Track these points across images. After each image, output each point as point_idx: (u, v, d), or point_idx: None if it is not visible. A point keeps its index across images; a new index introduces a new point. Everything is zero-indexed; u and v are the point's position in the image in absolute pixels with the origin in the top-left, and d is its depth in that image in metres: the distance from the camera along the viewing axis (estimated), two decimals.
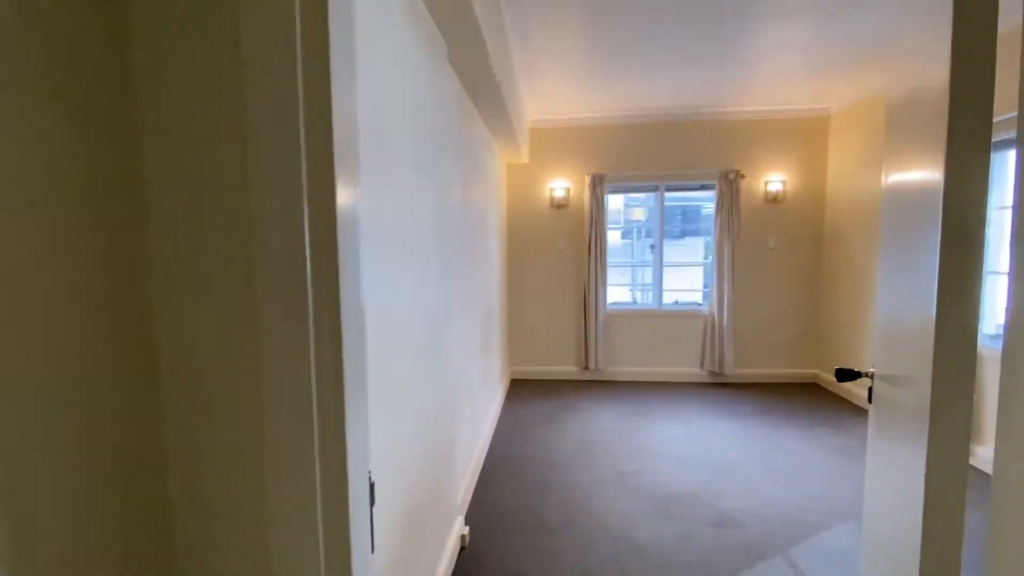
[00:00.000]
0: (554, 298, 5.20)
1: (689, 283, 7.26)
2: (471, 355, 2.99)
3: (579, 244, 5.12)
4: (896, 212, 1.22)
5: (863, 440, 3.54)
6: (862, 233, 4.32)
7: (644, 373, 5.17)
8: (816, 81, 4.14)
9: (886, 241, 1.32)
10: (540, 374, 5.26)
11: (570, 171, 5.07)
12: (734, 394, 4.68)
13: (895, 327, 1.22)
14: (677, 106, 4.74)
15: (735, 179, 4.79)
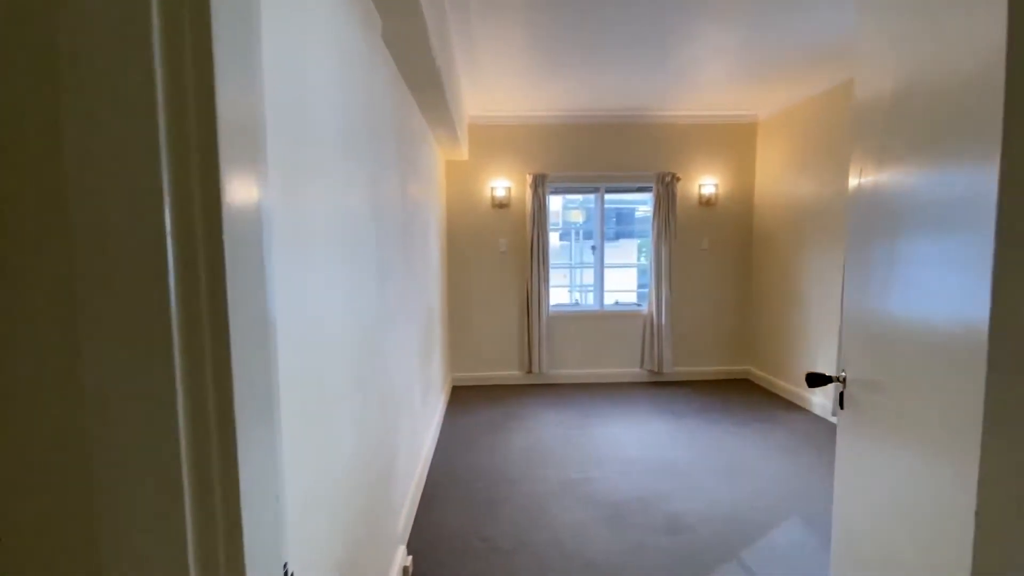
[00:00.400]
0: (497, 301, 5.05)
1: (625, 284, 7.41)
2: (412, 366, 2.76)
3: (521, 245, 5.01)
4: (891, 209, 1.15)
5: (795, 433, 3.68)
6: (789, 234, 4.53)
7: (587, 375, 5.15)
8: (745, 89, 4.29)
9: (866, 241, 1.26)
10: (483, 380, 5.09)
11: (511, 170, 4.95)
12: (673, 392, 4.76)
13: (884, 330, 1.16)
14: (617, 108, 4.75)
15: (671, 182, 4.88)
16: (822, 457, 3.27)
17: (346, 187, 1.49)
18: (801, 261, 4.34)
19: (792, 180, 4.49)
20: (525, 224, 4.95)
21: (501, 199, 4.92)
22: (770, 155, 4.83)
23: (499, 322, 5.07)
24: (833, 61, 3.62)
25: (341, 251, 1.42)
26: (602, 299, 5.17)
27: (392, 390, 2.21)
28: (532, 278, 4.88)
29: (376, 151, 1.92)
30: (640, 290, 9.06)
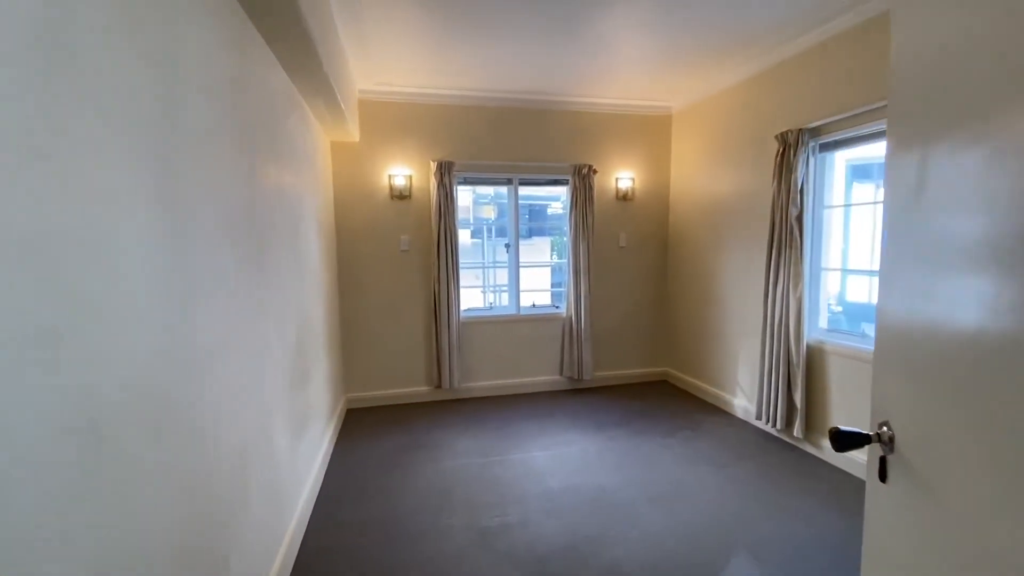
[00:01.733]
0: (399, 306, 4.37)
1: (539, 284, 7.05)
2: (266, 405, 2.05)
3: (426, 242, 4.38)
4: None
5: (723, 442, 3.46)
6: (706, 232, 4.37)
7: (503, 386, 4.65)
8: (659, 78, 4.03)
9: (928, 225, 0.84)
10: (384, 399, 4.39)
11: (413, 156, 4.30)
12: (594, 401, 4.42)
13: (973, 354, 0.74)
14: (530, 91, 4.29)
15: (588, 175, 4.53)
16: (752, 469, 3.05)
17: (163, 165, 0.82)
18: (719, 259, 4.18)
19: (708, 175, 4.32)
20: (430, 218, 4.33)
21: (401, 189, 4.25)
22: (685, 149, 4.66)
23: (402, 331, 4.40)
24: (748, 49, 3.43)
25: (151, 256, 0.75)
26: (518, 302, 4.70)
27: (234, 438, 1.52)
28: (440, 280, 4.27)
29: (177, 113, 1.23)
30: (555, 289, 8.79)
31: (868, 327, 3.06)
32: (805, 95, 3.25)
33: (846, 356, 3.02)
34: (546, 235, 9.63)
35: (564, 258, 4.88)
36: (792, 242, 3.26)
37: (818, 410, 3.22)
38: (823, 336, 3.23)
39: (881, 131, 2.81)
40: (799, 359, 3.24)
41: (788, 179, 3.27)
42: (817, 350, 3.22)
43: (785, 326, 3.33)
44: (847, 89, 2.95)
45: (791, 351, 3.30)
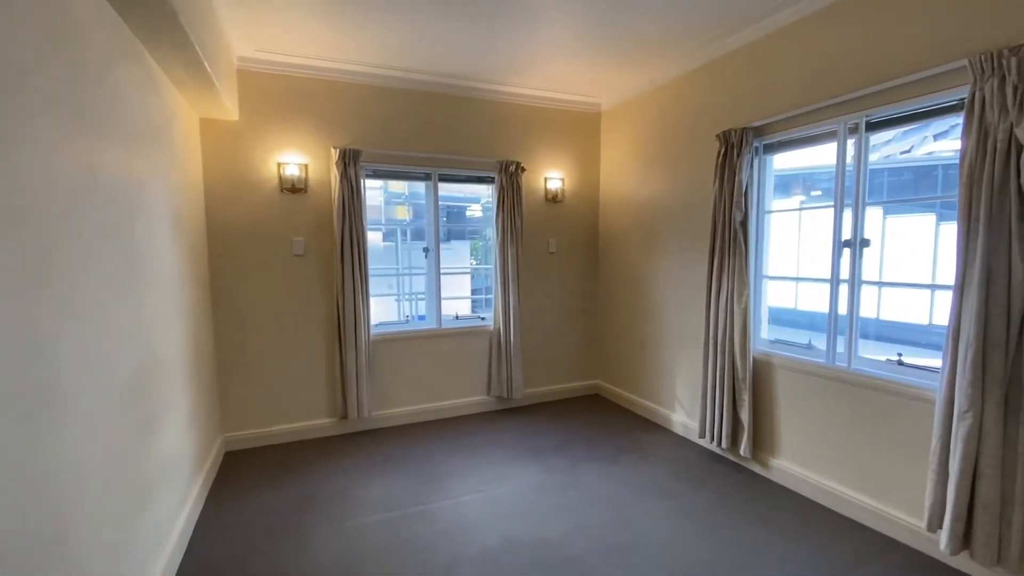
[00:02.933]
0: (293, 323, 3.61)
1: (459, 292, 6.50)
2: (73, 472, 1.33)
3: (327, 246, 3.66)
4: None
5: (670, 466, 3.17)
6: (639, 237, 4.11)
7: (423, 412, 4.05)
8: (590, 72, 3.72)
9: None
10: (275, 437, 3.60)
11: (309, 141, 3.57)
12: (527, 422, 3.97)
13: None
14: (453, 75, 3.76)
15: (516, 172, 4.09)
16: (705, 498, 2.77)
17: None
18: (655, 266, 3.94)
19: (641, 177, 4.07)
20: (332, 216, 3.63)
21: (294, 180, 3.51)
22: (615, 149, 4.39)
23: (297, 353, 3.64)
24: (686, 41, 3.20)
25: None
26: (439, 314, 4.12)
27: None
28: (344, 290, 3.58)
29: None
30: (475, 297, 8.29)
31: (816, 338, 2.92)
32: (748, 92, 3.06)
33: (795, 370, 2.85)
34: (465, 239, 9.12)
35: (489, 263, 4.40)
36: (736, 248, 3.05)
37: (766, 428, 3.03)
38: (769, 348, 3.05)
39: (827, 132, 2.66)
40: (745, 373, 3.03)
41: (732, 181, 3.06)
42: (764, 363, 3.03)
43: (729, 338, 3.11)
44: (792, 87, 2.77)
45: (736, 365, 3.09)
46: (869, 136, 2.50)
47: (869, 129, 2.48)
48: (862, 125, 2.48)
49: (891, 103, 2.33)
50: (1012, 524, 1.90)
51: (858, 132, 2.51)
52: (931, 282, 3.30)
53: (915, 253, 4.74)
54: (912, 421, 2.30)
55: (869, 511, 2.47)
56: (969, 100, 1.97)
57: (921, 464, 2.26)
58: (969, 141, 1.98)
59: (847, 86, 2.49)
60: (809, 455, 2.79)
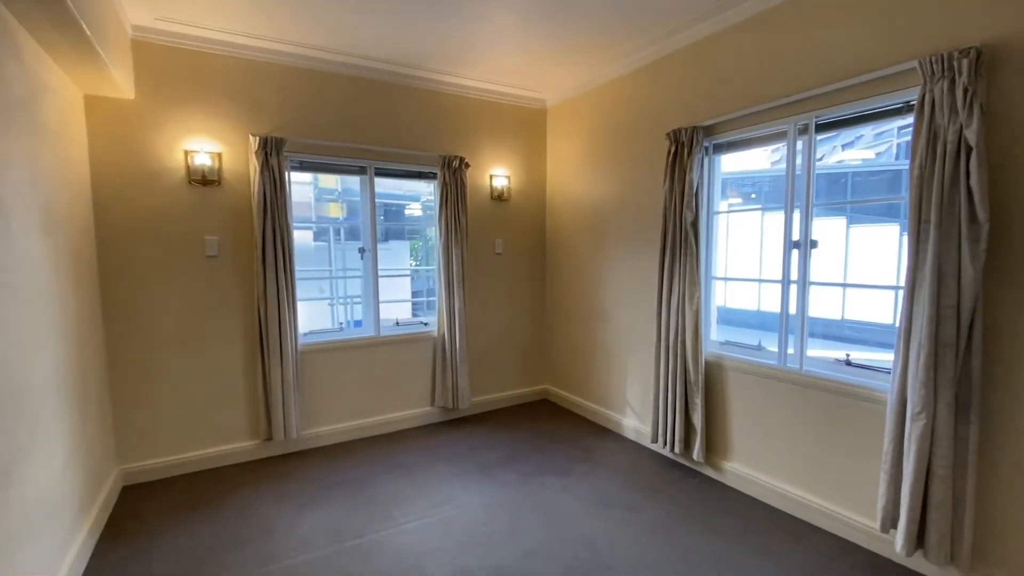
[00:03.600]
0: (205, 334, 3.16)
1: (398, 295, 6.13)
2: None
3: (246, 245, 3.24)
4: None
5: (625, 476, 3.06)
6: (588, 237, 4.00)
7: (361, 428, 3.71)
8: (534, 65, 3.56)
9: None
10: (184, 466, 3.13)
11: (224, 127, 3.14)
12: (474, 434, 3.74)
13: None
14: (391, 61, 3.45)
15: (460, 168, 3.85)
16: (663, 508, 2.67)
17: None
18: (603, 267, 3.84)
19: (589, 176, 3.96)
20: (251, 212, 3.21)
21: (205, 171, 3.06)
22: (562, 146, 4.26)
23: (210, 368, 3.19)
24: (635, 38, 3.11)
25: None
26: (378, 320, 3.79)
27: None
28: (267, 295, 3.18)
29: None
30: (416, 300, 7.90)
31: (766, 338, 2.91)
32: (698, 91, 3.01)
33: (747, 372, 2.82)
34: (405, 238, 8.73)
35: (430, 265, 4.13)
36: (688, 249, 2.99)
37: (718, 431, 3.00)
38: (720, 350, 3.01)
39: (777, 132, 2.65)
40: (697, 376, 2.98)
41: (682, 180, 2.99)
42: (715, 365, 2.99)
43: (681, 340, 3.05)
44: (743, 86, 2.74)
45: (688, 368, 3.03)
46: (818, 137, 2.50)
47: (819, 130, 2.47)
48: (812, 126, 2.48)
49: (841, 104, 2.33)
50: (964, 523, 1.92)
51: (808, 133, 2.51)
52: (843, 281, 3.42)
53: (833, 255, 4.99)
54: (863, 422, 2.31)
55: (823, 513, 2.47)
56: (919, 102, 1.98)
57: (872, 465, 2.27)
58: (919, 142, 1.98)
59: (797, 86, 2.48)
60: (762, 458, 2.77)
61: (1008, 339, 1.86)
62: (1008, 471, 1.88)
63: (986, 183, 1.80)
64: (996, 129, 1.84)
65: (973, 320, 1.87)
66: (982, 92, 1.82)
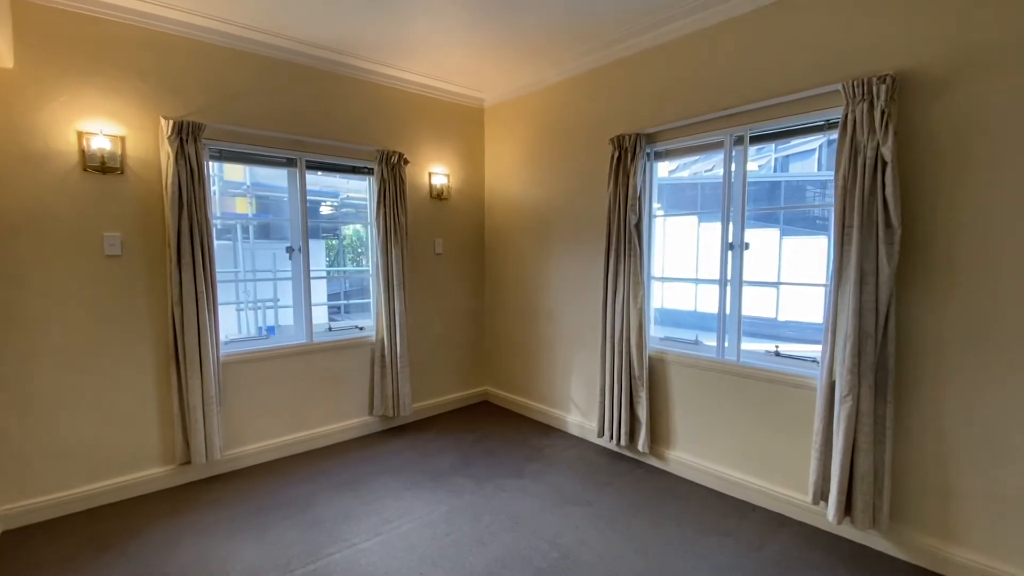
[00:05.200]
0: (106, 344, 2.71)
1: (314, 299, 5.73)
2: None
3: (155, 244, 2.84)
4: None
5: (577, 472, 3.12)
6: (527, 239, 4.03)
7: (293, 443, 3.40)
8: (475, 62, 3.55)
9: None
10: (84, 501, 2.66)
11: (128, 107, 2.72)
12: (419, 441, 3.60)
13: None
14: (324, 46, 3.22)
15: (399, 164, 3.69)
16: (616, 500, 2.76)
17: None
18: (546, 268, 3.90)
19: (529, 178, 4.00)
20: (162, 206, 2.82)
21: (105, 156, 2.63)
22: (501, 147, 4.25)
23: (114, 383, 2.75)
24: (574, 47, 3.21)
25: None
26: (310, 326, 3.51)
27: None
28: (184, 299, 2.81)
29: None
30: (332, 303, 7.46)
31: (702, 335, 3.12)
32: (641, 99, 3.15)
33: (688, 365, 3.01)
34: (318, 237, 8.18)
35: (344, 265, 3.90)
36: (632, 250, 3.12)
37: (662, 422, 3.16)
38: (661, 346, 3.18)
39: (715, 142, 2.85)
40: (642, 371, 3.12)
41: (626, 185, 3.12)
42: (658, 360, 3.15)
43: (626, 338, 3.18)
44: (684, 96, 2.92)
45: (632, 363, 3.17)
46: (751, 148, 2.73)
47: (752, 142, 2.71)
48: (746, 138, 2.70)
49: (772, 119, 2.57)
50: (883, 491, 2.20)
51: (743, 144, 2.73)
52: (776, 280, 3.79)
53: (766, 260, 5.46)
54: (795, 406, 2.56)
55: (761, 492, 2.70)
56: (843, 121, 2.23)
57: (803, 445, 2.52)
58: (842, 157, 2.24)
59: (734, 99, 2.69)
60: (703, 445, 2.97)
61: (917, 329, 2.17)
62: (919, 442, 2.19)
63: (899, 194, 2.08)
64: (908, 146, 2.14)
65: (888, 313, 2.15)
66: (895, 114, 2.10)
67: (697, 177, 4.31)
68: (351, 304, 8.51)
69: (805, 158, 6.93)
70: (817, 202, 4.72)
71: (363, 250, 9.97)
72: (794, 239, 5.27)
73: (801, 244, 4.75)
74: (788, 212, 5.61)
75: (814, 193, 6.38)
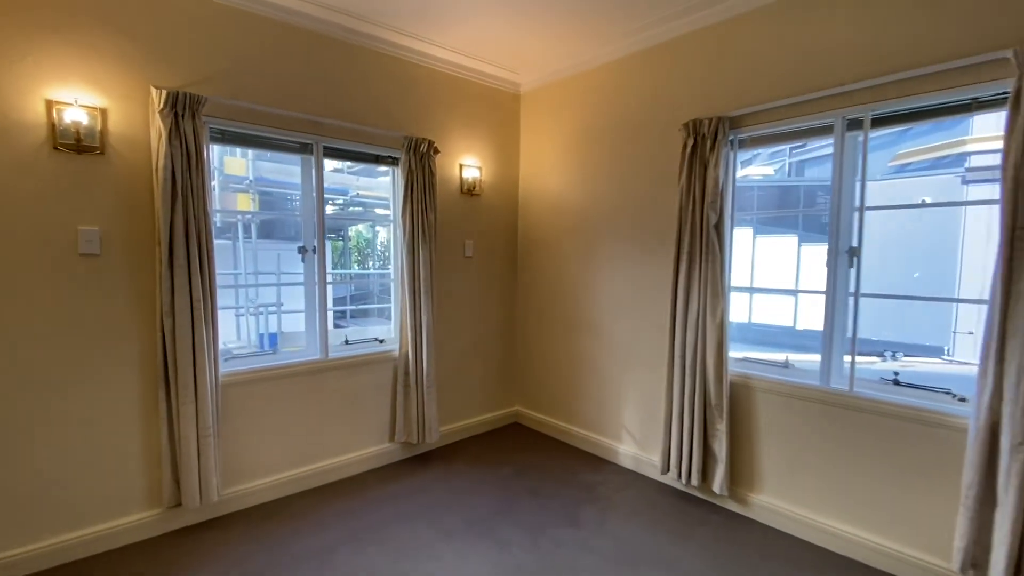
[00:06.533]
0: (72, 366, 2.20)
1: None
2: None
3: (143, 240, 2.34)
4: None
5: (641, 517, 2.62)
6: (569, 241, 3.55)
7: (302, 477, 2.89)
8: (512, 36, 3.08)
9: None
10: (53, 556, 2.14)
11: (110, 71, 2.22)
12: (449, 475, 3.10)
13: None
14: (346, 9, 2.74)
15: (428, 154, 3.20)
16: (701, 558, 2.27)
17: None
18: (593, 276, 3.41)
19: (574, 173, 3.52)
20: (151, 195, 2.32)
21: (81, 131, 2.13)
22: (537, 137, 3.77)
23: (87, 411, 2.24)
24: (635, 19, 2.74)
25: None
26: (324, 339, 3.00)
27: None
28: (176, 309, 2.31)
29: None
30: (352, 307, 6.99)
31: (793, 356, 2.64)
32: (722, 77, 2.67)
33: (780, 393, 2.52)
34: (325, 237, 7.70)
35: (346, 268, 3.42)
36: (711, 255, 2.64)
37: (744, 459, 2.67)
38: (744, 368, 2.69)
39: (820, 127, 2.37)
40: (721, 398, 2.63)
41: (703, 178, 2.64)
42: (740, 386, 2.67)
43: (700, 358, 2.69)
44: (780, 73, 2.44)
45: (709, 389, 2.68)
46: (872, 134, 2.25)
47: (875, 125, 2.23)
48: (867, 120, 2.22)
49: (903, 97, 2.09)
50: None
51: (861, 128, 2.25)
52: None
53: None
54: (931, 449, 2.08)
55: (875, 550, 2.21)
56: (1014, 96, 1.76)
57: (941, 498, 2.04)
58: (1013, 142, 1.77)
59: (850, 73, 2.21)
60: (797, 489, 2.48)
61: None
62: None
63: None
64: None
65: None
66: None
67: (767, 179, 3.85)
68: (356, 310, 8.01)
69: (821, 164, 6.52)
70: (825, 208, 4.24)
71: (370, 251, 9.47)
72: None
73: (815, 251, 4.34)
74: (799, 218, 5.19)
75: (825, 200, 6.00)
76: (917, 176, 4.84)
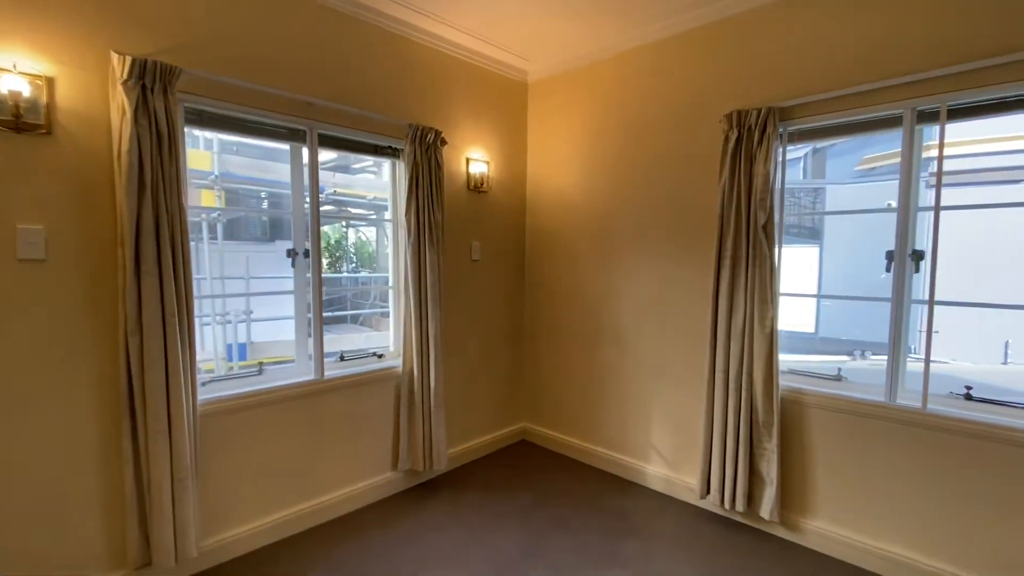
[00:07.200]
0: (19, 393, 1.75)
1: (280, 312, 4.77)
2: None
3: (103, 240, 1.90)
4: None
5: (685, 550, 2.34)
6: (586, 244, 3.26)
7: (294, 518, 2.48)
8: (522, 18, 2.76)
9: None
10: None
11: (56, 31, 1.78)
12: (460, 506, 2.75)
13: None
14: None
15: (435, 144, 2.85)
16: None
17: None
18: (614, 282, 3.13)
19: (589, 168, 3.24)
20: (111, 184, 1.89)
21: (20, 104, 1.68)
22: (548, 131, 3.48)
23: (30, 453, 1.78)
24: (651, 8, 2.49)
25: None
26: (320, 356, 2.59)
27: None
28: (144, 323, 1.88)
29: None
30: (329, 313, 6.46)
31: (844, 367, 2.43)
32: (768, 64, 2.45)
33: (838, 410, 2.30)
34: (287, 237, 7.15)
35: (342, 272, 3.05)
36: (759, 258, 2.40)
37: (796, 482, 2.44)
38: (794, 382, 2.47)
39: (886, 118, 2.17)
40: (771, 415, 2.40)
41: (749, 174, 2.41)
42: (791, 402, 2.44)
43: (748, 372, 2.45)
44: (844, 57, 2.23)
45: (756, 405, 2.44)
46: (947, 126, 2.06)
47: (952, 116, 2.03)
48: (943, 111, 2.03)
49: (983, 86, 1.90)
50: None
51: (937, 120, 2.05)
52: None
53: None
54: (1017, 472, 1.89)
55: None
56: None
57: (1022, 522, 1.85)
58: None
59: (924, 61, 2.01)
60: (858, 515, 2.26)
61: None
62: None
63: None
64: None
65: None
66: None
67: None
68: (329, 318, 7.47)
69: (791, 167, 6.57)
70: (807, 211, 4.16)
71: (341, 254, 8.91)
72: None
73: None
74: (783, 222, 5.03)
75: (804, 200, 6.00)
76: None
